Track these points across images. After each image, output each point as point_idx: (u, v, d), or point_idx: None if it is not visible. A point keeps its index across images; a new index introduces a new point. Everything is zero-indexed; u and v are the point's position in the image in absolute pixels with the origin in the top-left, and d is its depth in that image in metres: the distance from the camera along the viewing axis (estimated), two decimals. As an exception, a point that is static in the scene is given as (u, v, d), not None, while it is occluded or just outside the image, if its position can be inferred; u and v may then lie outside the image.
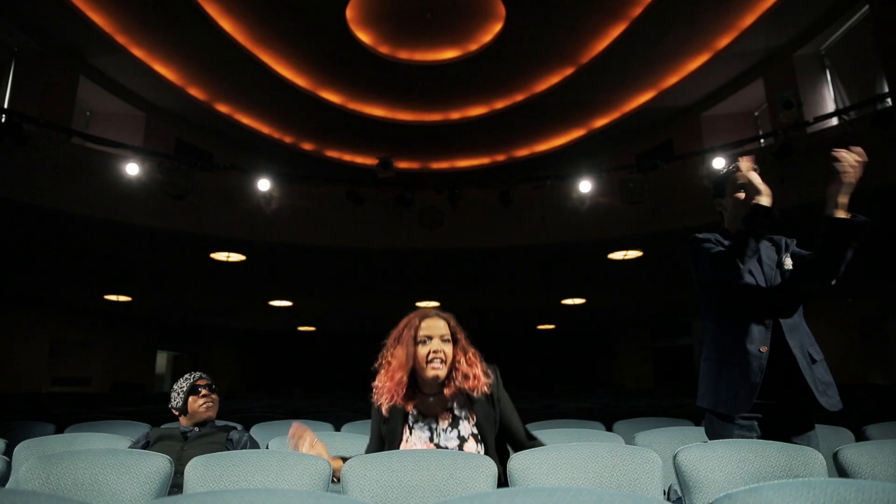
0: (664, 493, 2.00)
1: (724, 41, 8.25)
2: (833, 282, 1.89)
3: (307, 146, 11.57)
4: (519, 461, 1.57)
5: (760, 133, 9.04)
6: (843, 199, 1.79)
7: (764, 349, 1.86)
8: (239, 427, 2.48)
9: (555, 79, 9.42)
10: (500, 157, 12.10)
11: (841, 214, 1.79)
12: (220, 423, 2.51)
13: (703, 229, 2.21)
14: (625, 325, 17.27)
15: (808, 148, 6.38)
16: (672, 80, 9.24)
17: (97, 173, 6.77)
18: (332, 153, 11.86)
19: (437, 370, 1.68)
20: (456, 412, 1.71)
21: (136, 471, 1.55)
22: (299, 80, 9.48)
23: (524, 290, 11.39)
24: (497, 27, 8.26)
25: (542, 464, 1.55)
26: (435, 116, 10.63)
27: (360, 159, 11.90)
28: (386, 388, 1.70)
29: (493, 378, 1.75)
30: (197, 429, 2.36)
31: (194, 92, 9.52)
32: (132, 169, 6.67)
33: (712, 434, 1.95)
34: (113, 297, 11.40)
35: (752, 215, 1.85)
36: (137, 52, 8.41)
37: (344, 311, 13.92)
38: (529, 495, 0.89)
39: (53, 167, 6.23)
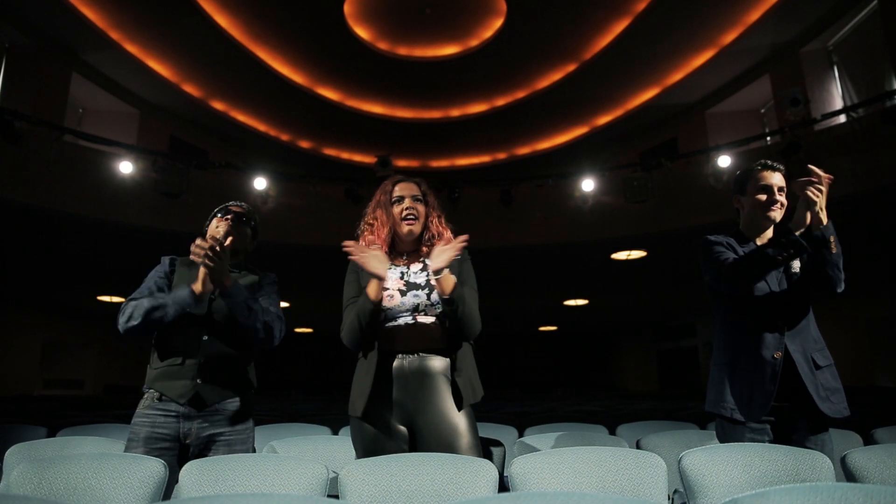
0: (669, 498, 1.96)
1: (729, 37, 8.19)
2: (839, 289, 1.88)
3: (304, 144, 11.52)
4: (520, 465, 1.54)
5: (767, 131, 8.97)
6: (823, 214, 1.81)
7: (778, 355, 1.86)
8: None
9: (557, 75, 9.37)
10: (501, 156, 12.06)
11: (822, 224, 1.80)
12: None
13: (707, 229, 2.19)
14: (628, 326, 17.22)
15: (815, 146, 6.33)
16: (676, 76, 9.19)
17: (90, 171, 6.73)
18: (330, 151, 11.82)
19: (412, 225, 1.88)
20: (427, 261, 1.88)
21: (130, 475, 1.54)
22: (296, 77, 9.43)
23: (526, 291, 11.35)
24: (498, 23, 8.22)
25: (544, 468, 1.57)
26: (435, 114, 10.59)
27: (358, 157, 11.85)
28: (376, 242, 1.90)
29: (463, 251, 1.93)
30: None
31: (189, 89, 9.47)
32: (126, 167, 6.64)
33: (724, 438, 1.95)
34: (106, 299, 11.31)
35: (783, 245, 1.79)
36: (131, 49, 8.35)
37: (342, 313, 13.85)
38: (531, 500, 0.89)
39: (46, 165, 6.20)
